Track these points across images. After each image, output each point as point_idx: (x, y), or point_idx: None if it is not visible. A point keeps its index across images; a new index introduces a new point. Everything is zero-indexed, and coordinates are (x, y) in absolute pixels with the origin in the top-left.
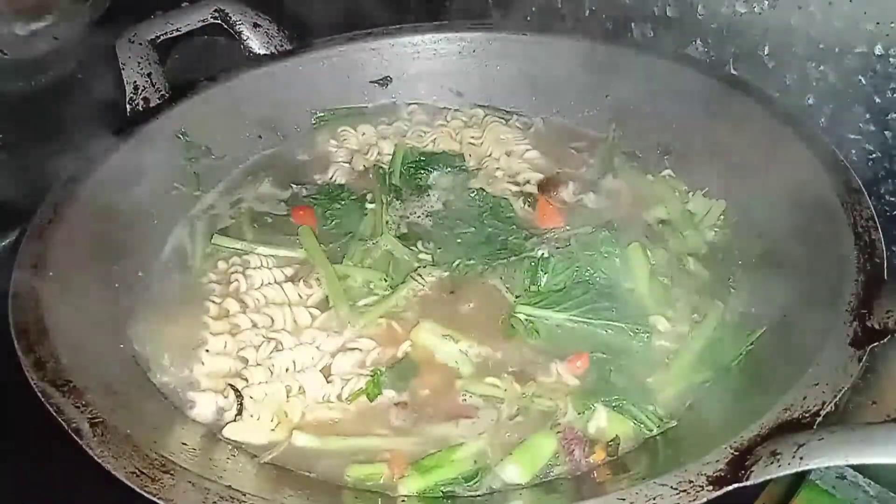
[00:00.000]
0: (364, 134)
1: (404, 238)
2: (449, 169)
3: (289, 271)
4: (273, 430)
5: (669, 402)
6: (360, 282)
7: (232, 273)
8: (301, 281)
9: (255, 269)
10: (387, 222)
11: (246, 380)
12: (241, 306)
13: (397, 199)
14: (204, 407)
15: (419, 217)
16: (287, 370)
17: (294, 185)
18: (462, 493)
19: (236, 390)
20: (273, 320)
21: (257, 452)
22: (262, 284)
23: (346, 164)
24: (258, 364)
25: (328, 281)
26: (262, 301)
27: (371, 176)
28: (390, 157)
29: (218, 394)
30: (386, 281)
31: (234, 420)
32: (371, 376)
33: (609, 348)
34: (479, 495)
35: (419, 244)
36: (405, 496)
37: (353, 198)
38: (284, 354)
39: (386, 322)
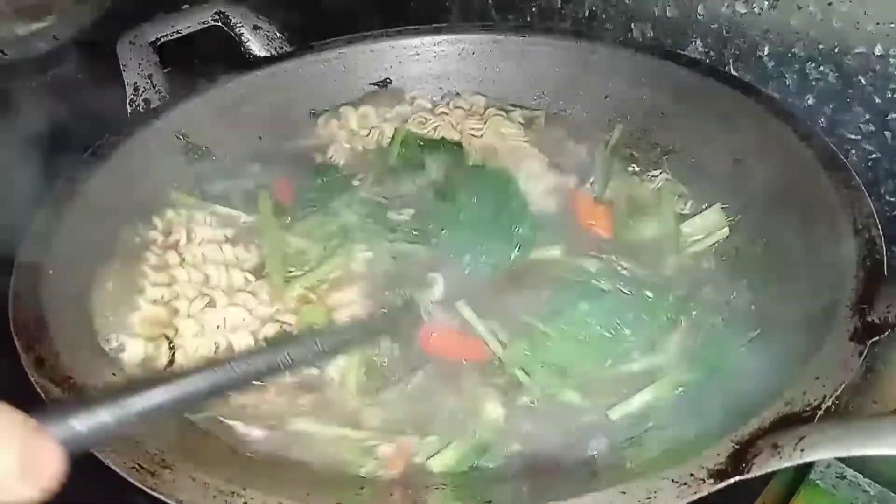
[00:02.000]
0: (366, 116)
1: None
2: (447, 154)
3: (230, 232)
4: None
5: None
6: (295, 251)
7: (175, 225)
8: (241, 244)
9: (197, 225)
10: (363, 199)
11: (176, 330)
12: (179, 259)
13: (391, 179)
14: (133, 351)
15: (411, 196)
16: (218, 327)
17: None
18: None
19: (170, 341)
20: (208, 277)
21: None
22: (202, 241)
23: (347, 146)
24: (190, 317)
25: (269, 248)
26: (200, 257)
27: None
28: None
29: (149, 342)
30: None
31: (166, 368)
32: None
33: None
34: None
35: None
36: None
37: (337, 175)
38: (217, 312)
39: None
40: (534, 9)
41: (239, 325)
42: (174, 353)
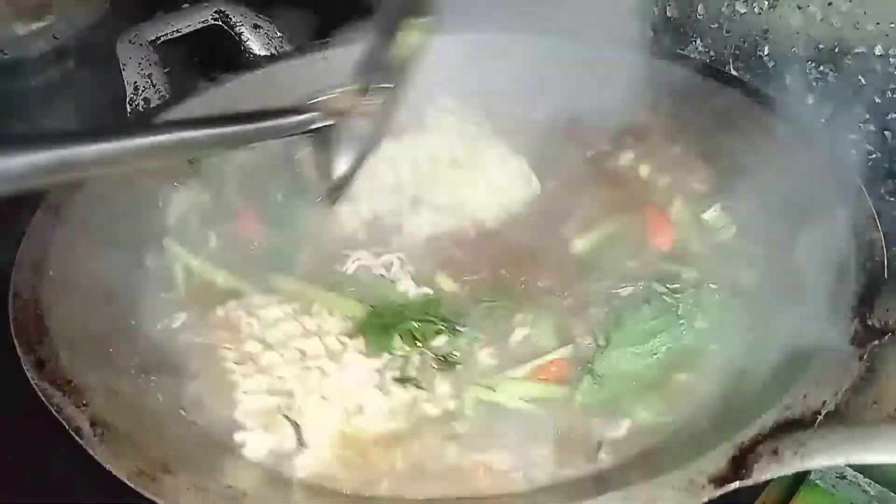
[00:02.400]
0: None
1: None
2: None
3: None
4: (341, 455)
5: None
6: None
7: (237, 318)
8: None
9: (260, 308)
10: None
11: (294, 408)
12: (263, 345)
13: None
14: (256, 445)
15: None
16: (338, 392)
17: None
18: None
19: (292, 421)
20: (304, 352)
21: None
22: (275, 321)
23: None
24: (309, 393)
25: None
26: (284, 337)
27: None
28: None
29: (267, 431)
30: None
31: (297, 449)
32: None
33: None
34: None
35: None
36: None
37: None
38: (332, 378)
39: None
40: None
41: (360, 382)
42: (300, 430)
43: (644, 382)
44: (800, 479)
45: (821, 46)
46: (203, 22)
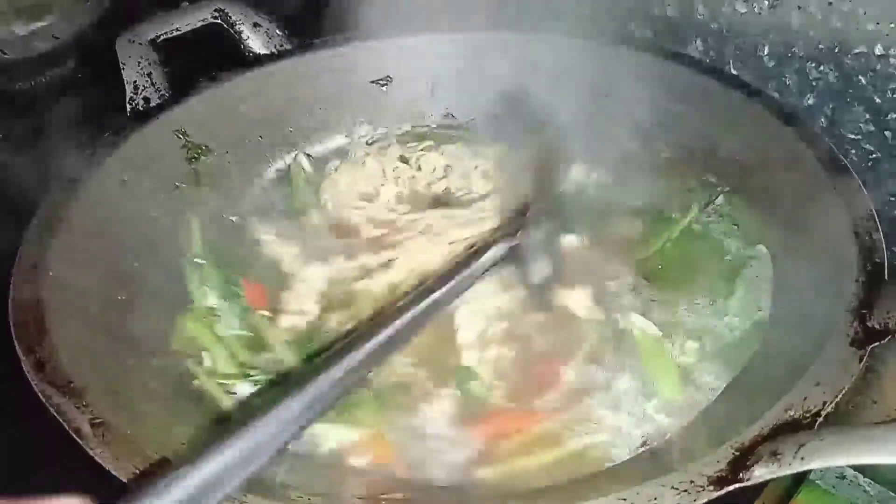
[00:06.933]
0: None
1: None
2: None
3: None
4: None
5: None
6: None
7: None
8: None
9: None
10: None
11: None
12: None
13: None
14: None
15: None
16: None
17: None
18: None
19: None
20: None
21: None
22: None
23: None
24: None
25: None
26: None
27: None
28: None
29: None
30: None
31: None
32: None
33: None
34: None
35: None
36: None
37: None
38: None
39: None
40: (534, 8)
41: None
42: None
43: None
44: (800, 479)
45: (821, 46)
46: (203, 20)
